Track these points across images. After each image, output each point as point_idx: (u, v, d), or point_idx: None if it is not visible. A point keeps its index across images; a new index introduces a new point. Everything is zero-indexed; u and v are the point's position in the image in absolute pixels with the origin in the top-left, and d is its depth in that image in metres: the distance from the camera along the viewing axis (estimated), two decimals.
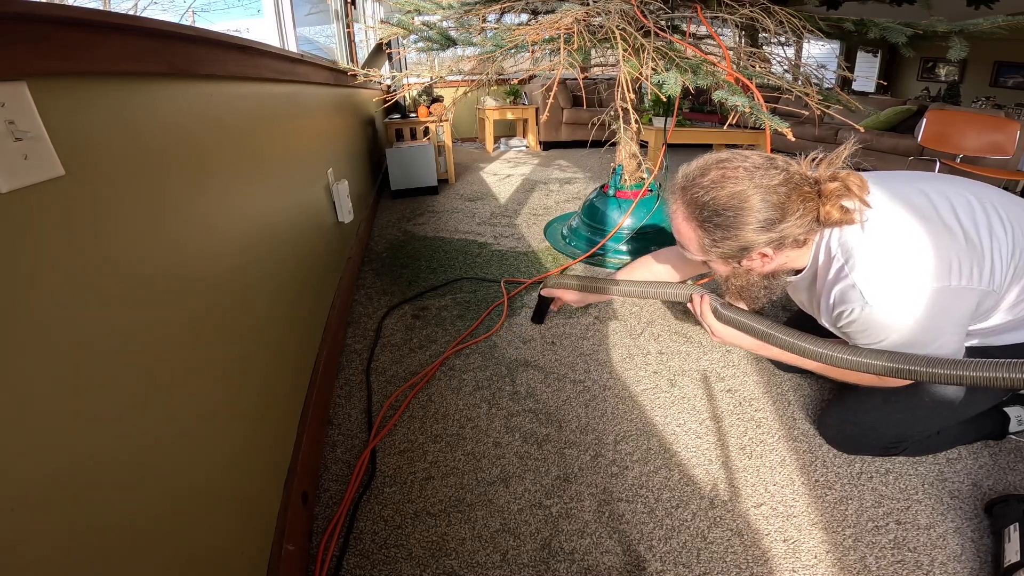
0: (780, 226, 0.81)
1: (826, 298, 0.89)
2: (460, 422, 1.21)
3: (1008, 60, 4.84)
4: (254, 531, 0.75)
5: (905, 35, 1.52)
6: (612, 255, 2.17)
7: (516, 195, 3.21)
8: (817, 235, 0.87)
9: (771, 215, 0.80)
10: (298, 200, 1.31)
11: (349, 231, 2.00)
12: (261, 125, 1.10)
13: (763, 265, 0.90)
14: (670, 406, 1.26)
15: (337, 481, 1.04)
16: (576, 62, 1.49)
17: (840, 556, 0.88)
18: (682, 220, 0.88)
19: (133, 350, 0.53)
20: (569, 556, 0.89)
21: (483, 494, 1.01)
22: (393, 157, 3.05)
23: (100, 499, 0.45)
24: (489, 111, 4.71)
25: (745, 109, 1.27)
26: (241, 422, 0.77)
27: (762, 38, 1.87)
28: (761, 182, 0.80)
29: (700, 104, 4.48)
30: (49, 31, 0.45)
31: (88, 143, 0.50)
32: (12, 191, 0.40)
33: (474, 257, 2.18)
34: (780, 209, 0.80)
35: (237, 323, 0.82)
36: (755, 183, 0.80)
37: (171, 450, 0.58)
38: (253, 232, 0.94)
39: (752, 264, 0.89)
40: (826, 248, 0.87)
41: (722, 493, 1.01)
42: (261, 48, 1.11)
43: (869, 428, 1.04)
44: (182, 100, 0.73)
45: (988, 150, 2.79)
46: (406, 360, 1.44)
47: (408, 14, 2.03)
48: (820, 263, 0.89)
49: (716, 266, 0.94)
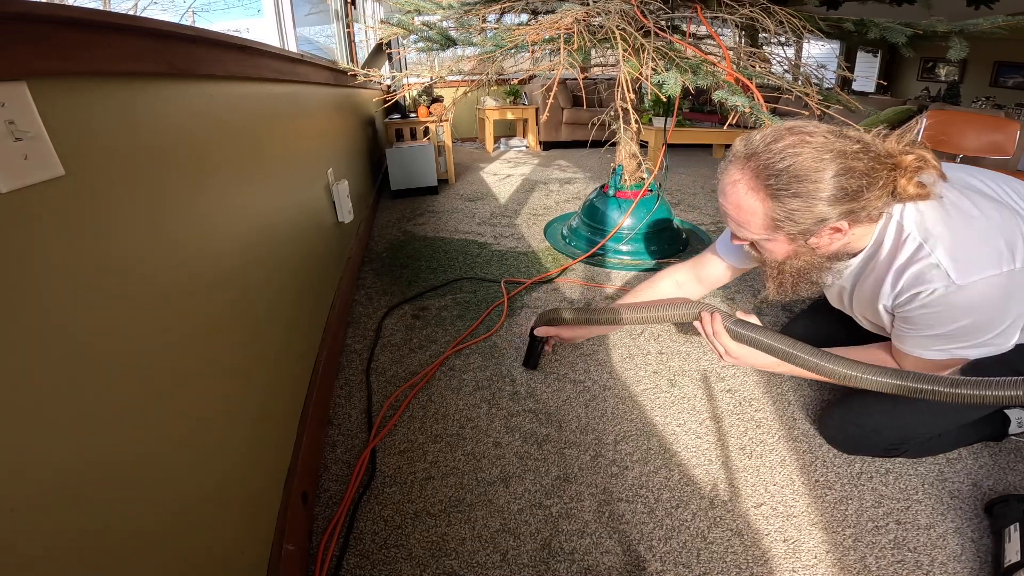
0: (860, 197, 0.75)
1: (893, 280, 0.82)
2: (460, 422, 1.21)
3: (1008, 60, 4.84)
4: (254, 531, 0.75)
5: (905, 35, 1.52)
6: (612, 255, 2.17)
7: (516, 195, 3.21)
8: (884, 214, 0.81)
9: (851, 184, 0.74)
10: (298, 200, 1.31)
11: (349, 231, 2.00)
12: (261, 125, 1.10)
13: (831, 243, 0.82)
14: (670, 406, 1.26)
15: (337, 481, 1.04)
16: (576, 62, 1.49)
17: (840, 556, 0.88)
18: (746, 192, 0.80)
19: (133, 351, 0.53)
20: (569, 556, 0.89)
21: (483, 494, 1.01)
22: (393, 157, 3.05)
23: (100, 499, 0.45)
24: (489, 111, 4.71)
25: (745, 109, 1.27)
26: (241, 422, 0.77)
27: (762, 38, 1.87)
28: (841, 148, 0.74)
29: (700, 104, 4.48)
30: (49, 31, 0.45)
31: (88, 143, 0.50)
32: (12, 191, 0.39)
33: (474, 257, 2.18)
34: (861, 178, 0.74)
35: (237, 323, 0.82)
36: (834, 149, 0.74)
37: (171, 450, 0.58)
38: (253, 232, 0.94)
39: (819, 242, 0.82)
40: (897, 227, 0.81)
41: (722, 493, 1.01)
42: (261, 48, 1.11)
43: (872, 430, 1.04)
44: (182, 100, 0.73)
45: (988, 150, 2.79)
46: (406, 360, 1.44)
47: (408, 14, 2.03)
48: (887, 243, 0.83)
49: (775, 246, 0.85)
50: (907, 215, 0.80)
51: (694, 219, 2.73)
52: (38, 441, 0.39)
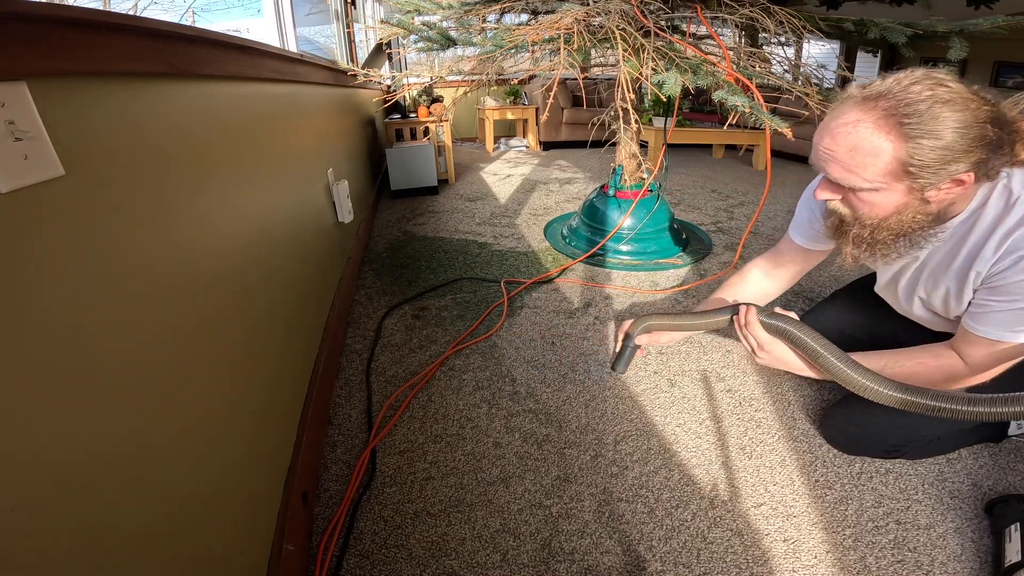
0: (992, 149, 0.73)
1: (998, 243, 0.81)
2: (460, 422, 1.21)
3: (1008, 60, 4.84)
4: (254, 531, 0.75)
5: (905, 35, 1.53)
6: (612, 255, 2.17)
7: (516, 195, 3.21)
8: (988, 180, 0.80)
9: (986, 133, 0.72)
10: (298, 200, 1.31)
11: (349, 231, 2.00)
12: (261, 125, 1.10)
13: (946, 197, 0.79)
14: (670, 406, 1.26)
15: (337, 481, 1.04)
16: (576, 62, 1.49)
17: (840, 556, 0.88)
18: (872, 132, 0.75)
19: (133, 350, 0.53)
20: (569, 556, 0.89)
21: (483, 494, 1.01)
22: (393, 157, 3.05)
23: (100, 499, 0.45)
24: (489, 111, 4.71)
25: (745, 109, 1.27)
26: (241, 422, 0.77)
27: (762, 38, 1.87)
28: (976, 98, 0.73)
29: (700, 104, 4.48)
30: (49, 31, 0.45)
31: (88, 143, 0.50)
32: (12, 191, 0.39)
33: (474, 257, 2.18)
34: (994, 131, 0.72)
35: (237, 323, 0.82)
36: (971, 98, 0.73)
37: (172, 450, 0.58)
38: (253, 232, 0.94)
39: (936, 196, 0.78)
40: (1005, 190, 0.80)
41: (722, 493, 1.01)
42: (261, 48, 1.11)
43: (874, 431, 1.04)
44: (182, 100, 0.73)
45: None
46: (406, 360, 1.44)
47: (408, 14, 2.03)
48: (993, 206, 0.82)
49: (885, 197, 0.80)
50: (1015, 179, 0.79)
51: (694, 219, 2.73)
52: (38, 440, 0.39)
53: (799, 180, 3.81)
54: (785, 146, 4.70)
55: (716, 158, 4.66)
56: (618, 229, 2.16)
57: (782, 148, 4.74)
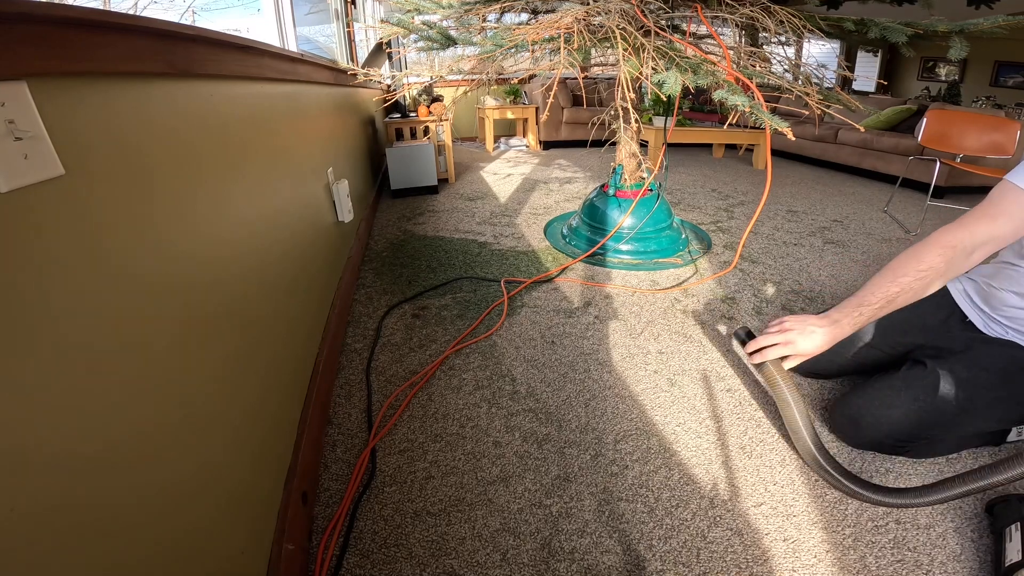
0: None
1: None
2: (460, 421, 1.21)
3: (1008, 60, 4.84)
4: (254, 531, 0.75)
5: (905, 35, 1.53)
6: (612, 254, 2.17)
7: (516, 194, 3.21)
8: None
9: None
10: (298, 199, 1.31)
11: (349, 230, 2.00)
12: (261, 124, 1.10)
13: None
14: (670, 405, 1.26)
15: (337, 481, 1.04)
16: (576, 62, 1.49)
17: (840, 556, 0.89)
18: None
19: (133, 350, 0.53)
20: (569, 556, 0.89)
21: (483, 493, 1.01)
22: (393, 156, 3.05)
23: (100, 498, 0.45)
24: (489, 111, 4.71)
25: (745, 109, 1.27)
26: (241, 421, 0.78)
27: (762, 38, 1.87)
28: None
29: (700, 104, 4.48)
30: (49, 31, 0.45)
31: (88, 143, 0.50)
32: (12, 191, 0.40)
33: (474, 256, 2.18)
34: None
35: (237, 321, 0.82)
36: None
37: (171, 449, 0.58)
38: (252, 232, 0.94)
39: None
40: None
41: (722, 493, 1.01)
42: (261, 48, 1.11)
43: (887, 422, 1.04)
44: (182, 99, 0.73)
45: (988, 150, 2.79)
46: (406, 359, 1.44)
47: (408, 13, 2.03)
48: None
49: None
50: None
51: (694, 219, 2.73)
52: (38, 439, 0.39)
53: (799, 180, 3.81)
54: (785, 146, 4.70)
55: (716, 157, 4.66)
56: (618, 228, 2.16)
57: (782, 148, 4.75)
